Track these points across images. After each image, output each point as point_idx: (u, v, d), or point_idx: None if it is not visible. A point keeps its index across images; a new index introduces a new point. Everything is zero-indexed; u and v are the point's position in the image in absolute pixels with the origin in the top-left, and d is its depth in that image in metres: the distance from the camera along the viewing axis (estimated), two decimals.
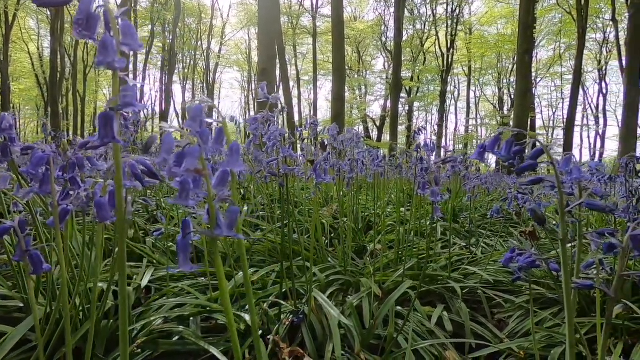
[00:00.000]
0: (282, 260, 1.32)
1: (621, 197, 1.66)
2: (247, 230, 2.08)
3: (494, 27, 26.30)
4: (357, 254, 2.31)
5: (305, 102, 32.39)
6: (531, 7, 15.53)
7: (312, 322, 1.33)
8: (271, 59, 12.42)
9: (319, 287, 1.58)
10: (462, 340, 1.40)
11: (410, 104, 26.10)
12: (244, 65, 29.80)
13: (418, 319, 1.51)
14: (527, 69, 15.54)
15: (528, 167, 0.55)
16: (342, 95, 14.90)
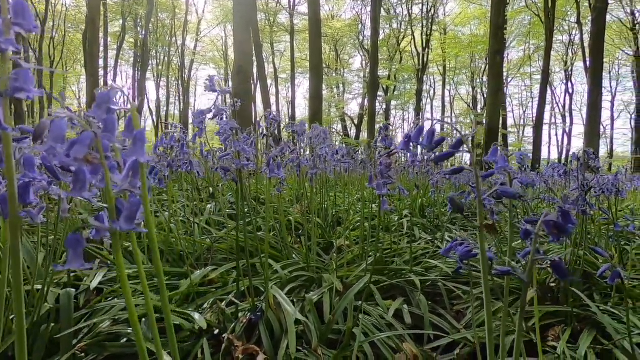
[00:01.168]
0: (237, 257, 1.29)
1: (571, 189, 1.72)
2: (211, 229, 2.04)
3: (468, 28, 26.99)
4: (324, 250, 2.30)
5: (283, 100, 32.22)
6: (502, 9, 16.02)
7: (270, 320, 1.32)
8: (247, 56, 12.26)
9: (280, 284, 1.57)
10: (419, 332, 1.42)
11: (387, 103, 26.43)
12: (220, 63, 29.30)
13: (379, 312, 1.51)
14: (499, 69, 16.03)
15: (446, 156, 0.56)
16: (319, 93, 14.91)
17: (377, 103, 23.59)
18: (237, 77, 11.80)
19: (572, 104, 26.33)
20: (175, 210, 2.37)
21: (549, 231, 0.58)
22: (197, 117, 0.96)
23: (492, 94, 15.39)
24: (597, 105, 15.95)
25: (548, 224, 0.57)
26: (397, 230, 2.57)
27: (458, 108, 30.78)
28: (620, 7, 23.61)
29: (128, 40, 23.86)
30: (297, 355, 1.23)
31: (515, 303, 1.64)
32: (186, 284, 1.38)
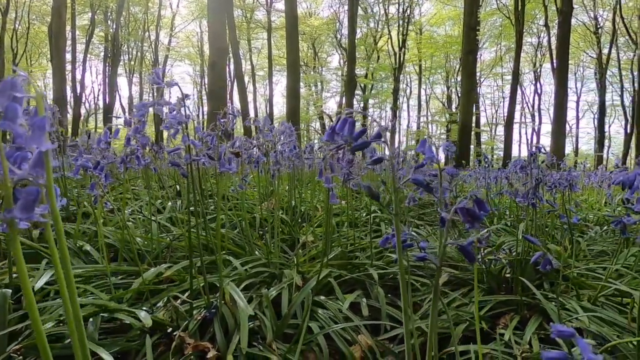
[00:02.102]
0: (190, 254, 1.27)
1: (522, 183, 1.80)
2: (173, 227, 2.00)
3: (442, 29, 27.60)
4: (291, 247, 2.30)
5: (261, 98, 31.93)
6: (474, 10, 16.45)
7: (225, 316, 1.31)
8: (222, 52, 12.05)
9: (238, 281, 1.56)
10: (373, 322, 1.44)
11: (365, 101, 26.65)
12: (195, 59, 28.68)
13: (338, 306, 1.53)
14: (471, 69, 16.49)
15: (361, 146, 0.57)
16: (297, 91, 14.86)
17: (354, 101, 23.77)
18: (212, 74, 11.60)
19: (540, 104, 27.46)
20: (135, 208, 2.31)
21: (464, 219, 0.60)
22: (139, 110, 0.94)
23: (465, 93, 15.83)
24: (563, 105, 16.66)
25: (462, 211, 0.60)
26: (363, 225, 2.61)
27: (434, 107, 31.47)
28: (584, 12, 24.77)
29: (98, 34, 22.97)
30: (252, 351, 1.23)
31: (469, 294, 1.69)
32: (138, 282, 1.35)
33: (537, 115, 27.26)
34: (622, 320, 1.36)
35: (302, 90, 28.59)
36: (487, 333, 1.44)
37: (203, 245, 1.85)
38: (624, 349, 1.15)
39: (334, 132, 0.58)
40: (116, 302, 1.27)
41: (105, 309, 1.18)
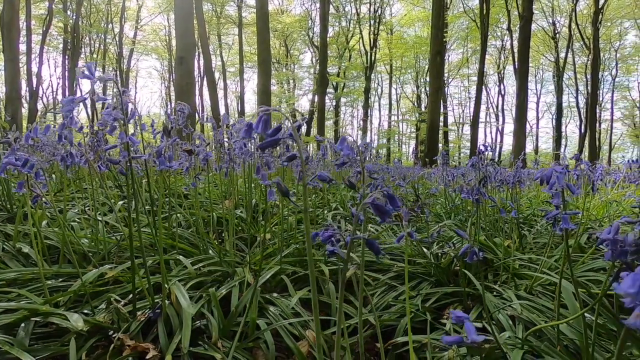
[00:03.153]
0: (132, 254, 1.24)
1: (468, 180, 1.88)
2: (120, 227, 1.93)
3: (412, 29, 28.20)
4: (251, 245, 2.29)
5: (232, 94, 31.36)
6: (442, 13, 16.94)
7: (169, 316, 1.28)
8: (189, 47, 11.73)
9: (188, 280, 1.53)
10: (322, 317, 1.47)
11: (337, 99, 26.83)
12: (163, 53, 27.75)
13: (289, 303, 1.54)
14: (439, 69, 16.96)
15: (269, 143, 0.58)
16: (268, 88, 14.72)
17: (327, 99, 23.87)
18: (179, 69, 11.27)
19: (504, 104, 28.69)
20: (83, 208, 2.22)
21: (375, 213, 0.63)
22: (66, 105, 0.90)
23: (433, 93, 16.27)
24: (524, 106, 17.47)
25: (373, 206, 0.62)
26: (322, 222, 2.64)
27: (404, 106, 32.13)
28: (544, 17, 26.10)
29: (56, 24, 21.69)
30: (196, 350, 1.22)
31: (418, 286, 1.75)
32: (78, 284, 1.30)
33: (501, 115, 28.50)
34: (553, 307, 1.46)
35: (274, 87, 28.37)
36: (432, 323, 1.50)
37: (152, 245, 1.81)
38: (548, 333, 1.24)
39: (250, 129, 0.59)
40: (52, 306, 1.22)
41: (37, 313, 1.13)
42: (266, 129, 0.57)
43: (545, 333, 1.24)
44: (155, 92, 53.91)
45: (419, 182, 5.82)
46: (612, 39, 26.38)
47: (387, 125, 30.53)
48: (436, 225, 2.45)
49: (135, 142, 1.08)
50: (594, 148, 21.21)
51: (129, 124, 1.27)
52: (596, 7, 20.14)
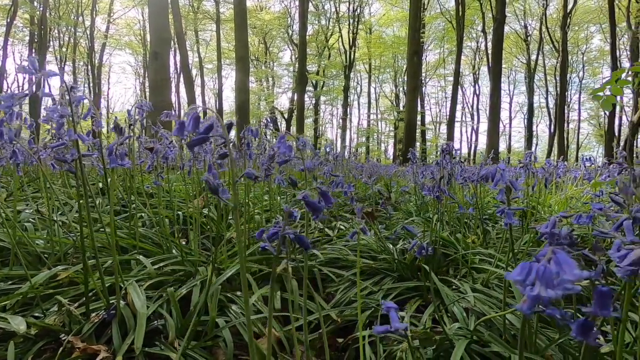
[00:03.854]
0: (83, 254, 1.21)
1: (429, 177, 1.93)
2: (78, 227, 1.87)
3: (391, 29, 28.56)
4: (217, 244, 2.27)
5: (210, 92, 30.83)
6: (419, 14, 17.20)
7: (125, 317, 1.26)
8: (164, 42, 11.44)
9: (147, 280, 1.51)
10: (281, 314, 1.48)
11: (317, 98, 26.84)
12: (137, 48, 26.93)
13: (252, 301, 1.54)
14: (416, 69, 17.23)
15: (198, 141, 0.59)
16: (246, 85, 14.57)
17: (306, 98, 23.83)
18: (154, 65, 10.98)
19: (479, 104, 29.51)
20: (37, 208, 2.13)
21: (308, 209, 0.64)
22: (6, 101, 0.86)
23: (410, 92, 16.53)
24: (497, 106, 18.00)
25: (305, 202, 0.64)
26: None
27: (383, 105, 32.52)
28: (516, 20, 26.99)
29: (22, 16, 20.66)
30: (152, 350, 1.21)
31: (381, 282, 1.79)
32: (27, 286, 1.26)
33: (476, 114, 29.31)
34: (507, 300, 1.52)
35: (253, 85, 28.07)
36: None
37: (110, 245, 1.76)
38: (498, 323, 1.29)
39: (182, 127, 0.59)
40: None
41: None
42: (196, 127, 0.57)
43: (495, 323, 1.29)
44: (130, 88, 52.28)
45: (395, 179, 5.91)
46: (580, 43, 27.58)
47: (367, 123, 30.83)
48: (402, 222, 2.50)
49: (84, 140, 1.06)
50: (562, 147, 22.14)
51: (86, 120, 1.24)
52: (565, 11, 20.99)
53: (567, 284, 0.34)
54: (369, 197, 4.17)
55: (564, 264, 0.35)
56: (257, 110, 27.54)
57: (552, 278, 0.34)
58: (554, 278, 0.34)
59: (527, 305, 0.38)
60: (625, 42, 23.01)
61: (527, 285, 0.37)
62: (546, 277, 0.35)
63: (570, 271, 0.34)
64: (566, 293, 0.36)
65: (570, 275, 0.34)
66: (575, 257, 0.75)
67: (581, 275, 0.34)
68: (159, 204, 1.89)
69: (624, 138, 17.93)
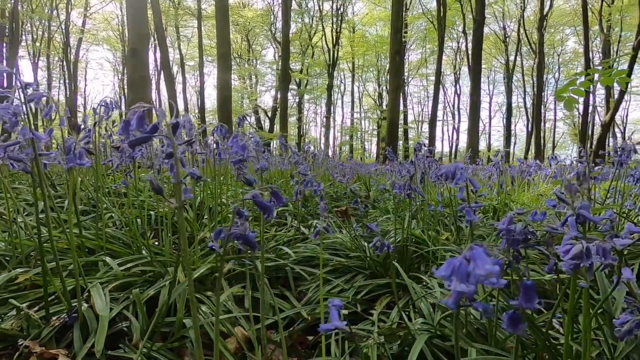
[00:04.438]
0: (42, 256, 1.18)
1: (401, 176, 1.96)
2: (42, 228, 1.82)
3: (374, 29, 28.75)
4: (191, 244, 2.24)
5: (192, 89, 30.33)
6: (401, 13, 17.36)
7: (87, 320, 1.23)
8: (143, 39, 11.18)
9: (113, 282, 1.48)
10: (248, 314, 1.47)
11: (300, 96, 26.77)
12: (116, 44, 26.20)
13: (221, 300, 1.53)
14: (398, 69, 17.40)
15: (140, 140, 0.58)
16: (228, 83, 14.40)
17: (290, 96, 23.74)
18: (132, 61, 10.72)
19: (459, 104, 30.09)
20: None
21: (259, 209, 0.64)
22: None
23: (392, 91, 16.68)
24: (477, 106, 18.36)
25: (255, 202, 0.64)
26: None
27: (366, 104, 32.75)
28: (495, 22, 27.60)
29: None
30: (115, 353, 1.19)
31: (353, 279, 1.81)
32: None
33: (457, 113, 29.87)
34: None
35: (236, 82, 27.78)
36: (361, 314, 1.55)
37: (78, 247, 1.72)
38: (462, 317, 1.32)
39: (128, 125, 0.58)
40: None
41: None
42: (141, 126, 0.57)
43: (459, 318, 1.32)
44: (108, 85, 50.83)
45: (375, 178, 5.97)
46: (555, 44, 28.45)
47: (350, 122, 30.96)
48: (377, 220, 2.53)
49: (40, 138, 1.02)
50: (539, 145, 22.81)
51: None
52: (541, 13, 21.60)
53: (480, 279, 0.35)
54: (348, 195, 4.20)
55: (478, 260, 0.36)
56: (240, 108, 27.27)
57: (466, 273, 0.36)
58: (469, 273, 0.35)
59: (452, 299, 0.40)
60: (597, 45, 23.87)
61: (451, 280, 0.38)
62: (461, 273, 0.36)
63: (482, 266, 0.36)
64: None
65: (482, 270, 0.36)
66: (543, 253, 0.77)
67: (492, 270, 0.36)
68: (130, 203, 1.86)
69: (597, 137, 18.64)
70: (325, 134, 25.07)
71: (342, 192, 4.31)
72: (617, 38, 22.96)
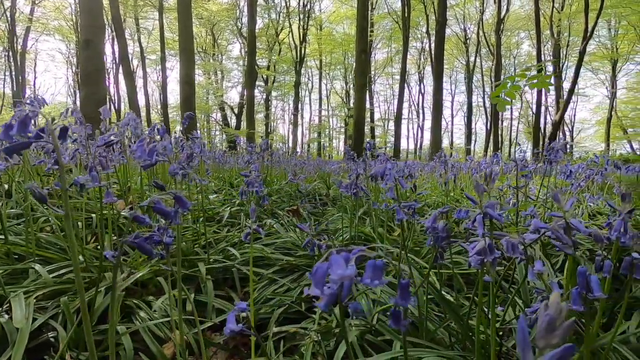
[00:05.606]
0: None
1: (349, 175, 2.00)
2: None
3: (341, 27, 28.93)
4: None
5: (154, 84, 29.12)
6: (366, 13, 17.56)
7: (6, 332, 1.16)
8: (97, 30, 10.57)
9: (42, 290, 1.40)
10: (189, 317, 1.45)
11: (267, 93, 26.47)
12: (69, 35, 24.62)
13: (163, 305, 1.50)
14: (364, 67, 17.62)
15: (19, 146, 0.55)
16: (191, 78, 13.97)
17: (257, 92, 23.42)
18: (85, 53, 10.10)
19: (424, 102, 31.00)
20: None
21: (160, 215, 0.64)
22: None
23: (358, 89, 16.88)
24: (439, 104, 18.99)
25: (154, 208, 0.63)
26: (219, 220, 2.60)
27: (334, 101, 32.96)
28: (457, 23, 28.64)
29: None
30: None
31: (300, 278, 1.82)
32: None
33: (422, 112, 30.75)
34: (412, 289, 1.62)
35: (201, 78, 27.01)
36: (304, 313, 1.57)
37: (7, 254, 1.62)
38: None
39: (8, 130, 0.55)
40: None
41: None
42: (24, 130, 0.54)
43: None
44: (61, 78, 47.70)
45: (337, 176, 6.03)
46: (512, 47, 29.97)
47: (318, 119, 31.04)
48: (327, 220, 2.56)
49: None
50: (497, 143, 24.00)
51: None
52: (499, 17, 22.66)
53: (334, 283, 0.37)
54: (309, 193, 4.21)
55: (334, 264, 0.38)
56: (206, 105, 26.55)
57: (322, 277, 0.38)
58: (326, 277, 0.37)
59: (324, 302, 0.41)
60: (549, 48, 25.42)
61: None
62: (317, 277, 0.38)
63: (335, 271, 0.38)
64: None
65: (335, 275, 0.38)
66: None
67: (344, 275, 0.38)
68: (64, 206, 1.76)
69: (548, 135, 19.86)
70: (293, 131, 24.97)
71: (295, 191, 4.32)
72: (566, 42, 24.56)
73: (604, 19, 23.23)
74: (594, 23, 15.82)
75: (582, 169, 3.11)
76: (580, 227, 0.83)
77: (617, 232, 0.93)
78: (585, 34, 16.19)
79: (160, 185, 0.69)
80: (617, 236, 0.92)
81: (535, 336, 0.38)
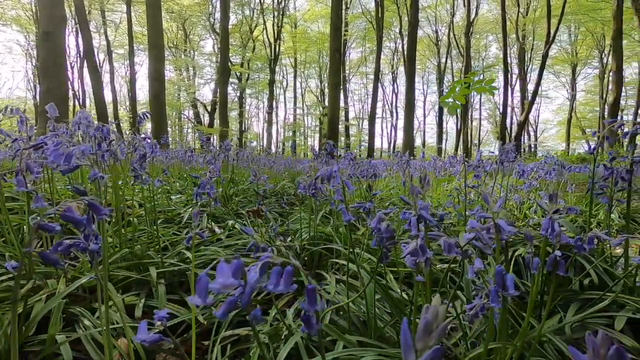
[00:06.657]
0: None
1: (307, 176, 2.00)
2: None
3: (316, 25, 28.92)
4: None
5: (122, 79, 28.02)
6: (340, 12, 17.64)
7: None
8: (58, 21, 10.07)
9: None
10: (134, 324, 1.41)
11: (241, 90, 26.08)
12: (28, 25, 23.25)
13: (110, 311, 1.44)
14: (338, 66, 17.70)
15: None
16: (161, 74, 13.57)
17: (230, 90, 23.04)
18: (44, 46, 9.59)
19: (397, 102, 31.55)
20: None
21: (72, 224, 0.61)
22: None
23: (332, 88, 16.95)
24: (412, 104, 19.36)
25: (63, 217, 0.61)
26: (179, 222, 2.54)
27: (309, 100, 32.95)
28: (429, 25, 29.32)
29: None
30: None
31: None
32: None
33: (395, 112, 31.30)
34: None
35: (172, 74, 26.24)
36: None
37: None
38: (352, 311, 1.40)
39: None
40: None
41: None
42: None
43: (352, 311, 1.39)
44: (20, 72, 45.04)
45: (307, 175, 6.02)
46: (480, 50, 31.03)
47: (293, 118, 30.91)
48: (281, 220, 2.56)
49: None
50: (466, 142, 24.80)
51: None
52: (468, 20, 23.38)
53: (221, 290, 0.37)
54: (277, 193, 4.19)
55: (218, 273, 0.38)
56: (177, 102, 25.84)
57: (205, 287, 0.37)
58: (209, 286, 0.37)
59: (221, 310, 0.41)
60: (515, 51, 26.49)
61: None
62: (200, 286, 0.38)
63: (217, 280, 0.38)
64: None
65: (216, 284, 0.38)
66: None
67: (225, 283, 0.38)
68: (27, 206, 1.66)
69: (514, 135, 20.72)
70: (268, 130, 24.74)
71: (270, 192, 4.29)
72: (530, 46, 25.70)
73: (565, 25, 24.52)
74: (556, 28, 16.64)
75: (536, 169, 3.27)
76: (507, 227, 0.87)
77: (545, 231, 0.98)
78: (547, 38, 17.01)
79: (81, 191, 0.66)
80: (544, 235, 0.97)
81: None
